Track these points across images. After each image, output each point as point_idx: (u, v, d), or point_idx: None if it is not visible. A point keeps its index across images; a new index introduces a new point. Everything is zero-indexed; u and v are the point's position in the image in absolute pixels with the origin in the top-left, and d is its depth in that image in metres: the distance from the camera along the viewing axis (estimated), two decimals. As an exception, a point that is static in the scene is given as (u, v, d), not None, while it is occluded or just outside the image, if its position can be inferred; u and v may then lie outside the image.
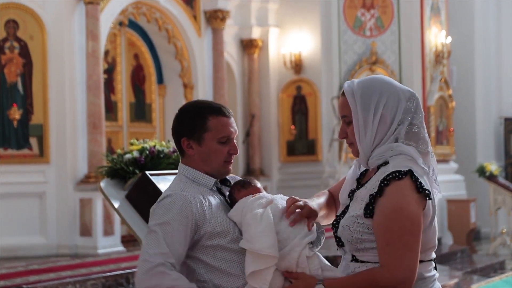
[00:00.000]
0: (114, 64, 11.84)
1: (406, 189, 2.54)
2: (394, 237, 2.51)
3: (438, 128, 13.56)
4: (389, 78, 2.75)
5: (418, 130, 2.66)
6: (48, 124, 9.97)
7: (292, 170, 13.55)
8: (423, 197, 2.56)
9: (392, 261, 2.51)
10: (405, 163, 2.59)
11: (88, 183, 9.84)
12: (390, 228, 2.52)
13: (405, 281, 2.51)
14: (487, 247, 14.08)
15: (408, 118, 2.65)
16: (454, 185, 13.93)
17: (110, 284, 7.96)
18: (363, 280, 2.56)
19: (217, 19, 12.21)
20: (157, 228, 2.76)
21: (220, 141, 2.85)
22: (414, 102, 2.68)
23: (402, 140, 2.64)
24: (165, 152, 5.12)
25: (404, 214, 2.51)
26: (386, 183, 2.55)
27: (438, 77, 13.52)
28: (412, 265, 2.52)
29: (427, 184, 2.60)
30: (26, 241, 9.74)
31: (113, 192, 4.75)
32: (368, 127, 2.64)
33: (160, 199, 2.85)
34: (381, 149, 2.64)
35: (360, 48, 13.27)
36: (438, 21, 13.78)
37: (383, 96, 2.65)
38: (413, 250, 2.51)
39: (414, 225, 2.52)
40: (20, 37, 9.96)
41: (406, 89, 2.71)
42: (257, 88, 13.52)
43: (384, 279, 2.52)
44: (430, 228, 2.61)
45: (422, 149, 2.65)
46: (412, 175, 2.56)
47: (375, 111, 2.63)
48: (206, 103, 2.93)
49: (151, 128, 12.46)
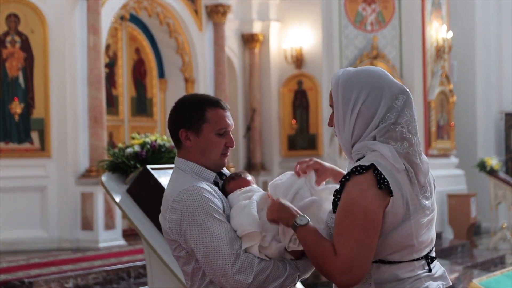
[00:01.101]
0: (115, 58, 11.85)
1: (364, 183, 2.47)
2: (346, 230, 2.47)
3: (438, 123, 13.57)
4: (382, 71, 2.64)
5: (402, 130, 2.54)
6: (49, 118, 9.98)
7: (293, 164, 13.39)
8: (385, 193, 2.48)
9: (340, 251, 2.47)
10: (373, 158, 2.52)
11: (89, 177, 9.85)
12: (342, 221, 2.49)
13: (346, 272, 2.45)
14: (487, 242, 14.10)
15: (391, 117, 2.55)
16: (455, 179, 13.95)
17: (111, 278, 7.98)
18: (321, 250, 2.51)
19: (218, 14, 12.21)
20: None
21: (218, 132, 2.85)
22: (402, 100, 2.58)
23: (381, 139, 2.55)
24: (166, 146, 5.13)
25: (357, 208, 2.46)
26: (347, 178, 2.51)
27: (439, 72, 13.52)
28: (357, 259, 2.45)
29: (397, 181, 2.49)
30: (27, 235, 9.75)
31: (114, 186, 4.76)
32: (346, 120, 2.59)
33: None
34: (359, 146, 2.59)
35: (361, 43, 13.27)
36: (439, 16, 13.77)
37: (364, 91, 2.56)
38: (362, 245, 2.45)
39: (366, 221, 2.45)
40: (21, 31, 9.96)
41: (396, 86, 2.60)
42: (258, 83, 13.52)
43: (330, 263, 2.48)
44: (402, 227, 2.51)
45: (400, 150, 2.53)
46: (375, 170, 2.48)
47: (354, 105, 2.56)
48: (203, 96, 2.94)
49: (152, 122, 12.47)
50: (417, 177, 2.55)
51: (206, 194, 2.75)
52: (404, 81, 13.12)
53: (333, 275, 2.48)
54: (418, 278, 2.57)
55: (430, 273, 2.61)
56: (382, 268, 2.54)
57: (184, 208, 2.73)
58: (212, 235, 2.69)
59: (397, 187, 2.50)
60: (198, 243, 2.70)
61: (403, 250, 2.54)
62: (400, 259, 2.54)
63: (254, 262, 2.67)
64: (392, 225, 2.50)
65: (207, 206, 2.72)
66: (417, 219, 2.53)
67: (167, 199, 2.81)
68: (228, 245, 2.68)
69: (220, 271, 2.67)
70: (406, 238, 2.52)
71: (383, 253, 2.53)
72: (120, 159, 4.95)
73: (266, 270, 2.68)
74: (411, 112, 2.59)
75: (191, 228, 2.71)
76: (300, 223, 2.58)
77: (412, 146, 2.56)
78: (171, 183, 2.87)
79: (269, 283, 2.69)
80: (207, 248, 2.69)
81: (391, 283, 2.54)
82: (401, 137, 2.54)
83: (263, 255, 2.70)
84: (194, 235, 2.71)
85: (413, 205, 2.52)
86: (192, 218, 2.71)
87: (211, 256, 2.68)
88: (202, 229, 2.70)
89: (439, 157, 13.60)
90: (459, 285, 9.55)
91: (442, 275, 2.66)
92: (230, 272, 2.65)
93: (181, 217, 2.73)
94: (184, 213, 2.72)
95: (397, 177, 2.50)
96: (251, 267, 2.66)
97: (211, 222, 2.70)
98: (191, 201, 2.73)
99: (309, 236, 2.56)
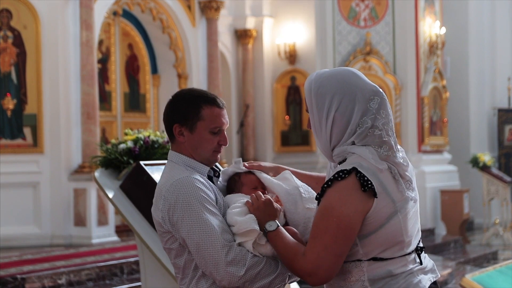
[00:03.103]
0: (108, 54, 11.82)
1: (345, 189, 2.48)
2: (319, 233, 2.50)
3: (432, 119, 13.58)
4: (354, 74, 2.60)
5: (380, 133, 2.54)
6: (42, 114, 9.95)
7: (286, 160, 13.55)
8: (369, 195, 2.48)
9: (309, 253, 2.52)
10: (355, 161, 2.51)
11: (82, 173, 9.83)
12: (317, 224, 2.52)
13: (312, 276, 2.52)
14: (480, 238, 14.14)
15: (368, 121, 2.53)
16: (448, 175, 13.97)
17: (104, 274, 7.96)
18: (290, 252, 2.58)
19: (212, 9, 12.19)
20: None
21: (212, 131, 2.85)
22: (376, 102, 2.55)
23: (360, 144, 2.54)
24: (159, 142, 5.12)
25: (332, 214, 2.48)
26: (329, 184, 2.51)
27: (432, 68, 13.54)
28: (323, 263, 2.49)
29: (381, 182, 2.50)
30: (20, 231, 9.73)
31: (107, 182, 4.75)
32: (322, 127, 2.58)
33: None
34: (339, 150, 2.58)
35: (354, 39, 13.27)
36: (433, 11, 13.78)
37: (336, 98, 2.54)
38: (330, 251, 2.48)
39: (339, 228, 2.47)
40: (13, 26, 9.93)
41: (369, 88, 2.57)
42: (251, 79, 13.51)
43: (298, 264, 2.55)
44: (391, 223, 2.52)
45: (381, 153, 2.53)
46: (357, 173, 2.48)
47: (328, 113, 2.55)
48: (200, 92, 2.93)
49: (145, 118, 12.45)
50: (400, 173, 2.56)
51: (199, 184, 2.75)
52: (397, 77, 13.14)
53: (301, 275, 2.58)
54: (410, 272, 2.59)
55: (421, 266, 2.63)
56: (375, 265, 2.56)
57: (177, 198, 2.72)
58: (205, 225, 2.68)
59: (381, 187, 2.50)
60: (191, 233, 2.69)
61: (394, 247, 2.56)
62: (392, 256, 2.56)
63: (247, 255, 2.67)
64: (378, 224, 2.51)
65: (200, 196, 2.72)
66: (405, 214, 2.55)
67: (160, 190, 2.80)
68: (221, 236, 2.67)
69: (212, 261, 2.66)
70: (396, 234, 2.54)
71: (374, 251, 2.55)
72: (113, 155, 4.94)
73: (258, 265, 2.68)
74: (387, 112, 2.58)
75: (184, 218, 2.71)
76: (269, 229, 2.65)
77: (392, 148, 2.56)
78: (164, 175, 2.86)
79: (259, 279, 2.68)
80: (200, 238, 2.68)
81: (385, 279, 2.56)
82: (381, 141, 2.55)
83: (257, 252, 2.69)
84: (187, 225, 2.70)
85: (399, 201, 2.54)
86: (185, 208, 2.71)
87: (204, 247, 2.67)
88: (195, 219, 2.69)
89: (432, 153, 13.62)
90: (452, 281, 9.57)
91: (432, 268, 2.69)
92: (223, 263, 2.65)
93: (174, 207, 2.72)
94: (177, 203, 2.72)
95: (381, 177, 2.51)
96: (244, 260, 2.66)
97: (204, 213, 2.70)
98: (184, 191, 2.72)
99: (278, 241, 2.63)
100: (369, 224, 2.51)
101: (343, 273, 2.58)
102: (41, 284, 7.34)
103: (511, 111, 16.31)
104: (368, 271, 2.55)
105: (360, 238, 2.53)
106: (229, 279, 2.65)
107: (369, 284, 2.55)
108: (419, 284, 2.58)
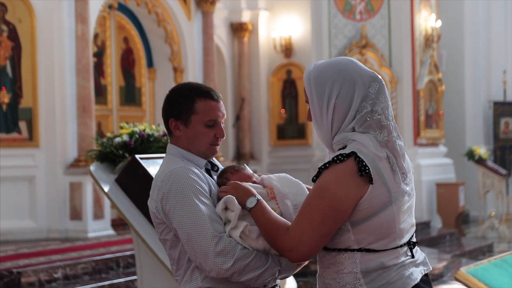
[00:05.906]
0: (104, 48, 11.80)
1: (342, 171, 2.50)
2: (308, 211, 2.53)
3: (427, 112, 13.59)
4: (352, 61, 2.64)
5: (379, 118, 2.57)
6: (37, 108, 9.93)
7: (282, 154, 13.57)
8: (365, 181, 2.50)
9: (294, 229, 2.54)
10: (356, 147, 2.54)
11: (78, 166, 9.83)
12: (308, 201, 2.55)
13: (293, 250, 2.54)
14: (475, 230, 14.17)
15: (367, 106, 2.56)
16: (443, 168, 14.00)
17: (100, 268, 7.97)
18: (272, 228, 2.60)
19: (207, 3, 12.17)
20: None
21: (206, 124, 2.85)
22: (375, 88, 2.58)
23: (360, 129, 2.56)
24: (155, 136, 5.12)
25: (325, 195, 2.50)
26: (326, 166, 2.54)
27: (427, 61, 13.54)
28: (306, 241, 2.51)
29: (379, 169, 2.52)
30: (16, 225, 9.72)
31: (103, 175, 4.75)
32: (323, 115, 2.60)
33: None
34: (339, 137, 2.61)
35: (350, 32, 13.27)
36: (428, 4, 13.78)
37: (336, 85, 2.57)
38: (316, 231, 2.50)
39: (330, 208, 2.49)
40: (8, 20, 9.90)
41: (367, 74, 2.60)
42: (247, 72, 13.50)
43: (281, 238, 2.57)
44: (385, 213, 2.53)
45: (381, 138, 2.56)
46: (356, 157, 2.50)
47: (328, 100, 2.58)
48: (195, 86, 2.93)
49: (141, 112, 12.44)
50: (398, 164, 2.58)
51: (193, 175, 2.76)
52: (393, 70, 13.14)
53: (282, 250, 2.59)
54: (402, 265, 2.60)
55: (413, 259, 2.65)
56: (367, 257, 2.57)
57: (170, 187, 2.74)
58: (196, 216, 2.70)
59: (378, 175, 2.52)
60: (182, 223, 2.71)
61: (387, 238, 2.57)
62: (384, 247, 2.57)
63: (236, 247, 2.68)
64: (371, 211, 2.53)
65: (193, 187, 2.73)
66: (399, 206, 2.56)
67: (156, 180, 2.83)
68: (212, 226, 2.68)
69: (201, 251, 2.68)
70: (389, 225, 2.56)
71: (366, 240, 2.56)
72: (108, 148, 4.94)
73: (247, 257, 2.68)
74: (386, 98, 2.61)
75: (176, 208, 2.72)
76: (250, 205, 2.68)
77: (391, 133, 2.59)
78: (161, 167, 2.88)
79: (248, 271, 2.69)
80: (190, 228, 2.69)
81: (377, 271, 2.57)
82: (380, 125, 2.57)
83: (247, 244, 2.70)
84: (178, 215, 2.72)
85: (394, 192, 2.55)
86: (177, 198, 2.73)
87: (194, 237, 2.69)
88: (186, 209, 2.71)
89: (427, 146, 13.64)
90: (447, 274, 9.60)
91: (424, 261, 2.70)
92: (212, 253, 2.66)
93: (167, 197, 2.74)
94: (170, 193, 2.74)
95: (379, 165, 2.53)
96: (233, 252, 2.67)
97: (195, 203, 2.71)
98: (177, 181, 2.74)
99: (260, 216, 2.65)
100: (362, 210, 2.52)
101: (336, 265, 2.60)
102: (37, 278, 7.35)
103: (506, 104, 16.33)
104: (361, 263, 2.56)
105: (352, 224, 2.54)
106: (217, 270, 2.66)
107: (361, 276, 2.56)
108: (411, 276, 2.60)
